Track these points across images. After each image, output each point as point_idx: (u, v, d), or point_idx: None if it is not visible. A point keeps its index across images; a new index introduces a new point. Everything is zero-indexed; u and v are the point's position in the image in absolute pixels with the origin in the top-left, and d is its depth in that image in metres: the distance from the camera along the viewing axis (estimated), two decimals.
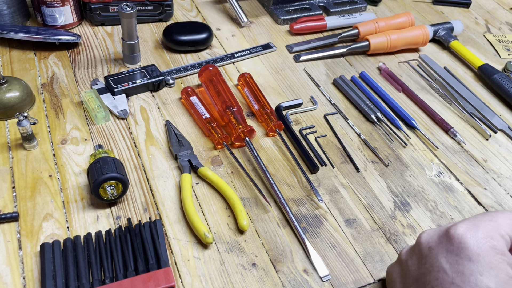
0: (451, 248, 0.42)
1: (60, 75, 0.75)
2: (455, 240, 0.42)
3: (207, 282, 0.51)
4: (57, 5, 0.80)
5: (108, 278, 0.49)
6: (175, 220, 0.56)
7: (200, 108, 0.69)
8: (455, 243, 0.42)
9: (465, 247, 0.41)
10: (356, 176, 0.65)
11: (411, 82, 0.83)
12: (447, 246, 0.42)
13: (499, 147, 0.72)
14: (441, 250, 0.43)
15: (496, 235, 0.41)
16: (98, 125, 0.67)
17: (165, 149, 0.65)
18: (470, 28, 1.00)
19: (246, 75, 0.76)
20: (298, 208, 0.59)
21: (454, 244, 0.42)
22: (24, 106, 0.67)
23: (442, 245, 0.43)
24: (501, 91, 0.80)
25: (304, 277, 0.52)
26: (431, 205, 0.62)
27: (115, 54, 0.80)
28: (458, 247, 0.41)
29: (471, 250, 0.40)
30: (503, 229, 0.42)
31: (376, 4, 1.03)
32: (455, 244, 0.42)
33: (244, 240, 0.55)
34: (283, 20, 0.93)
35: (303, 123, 0.72)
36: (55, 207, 0.56)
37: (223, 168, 0.63)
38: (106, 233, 0.53)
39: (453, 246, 0.42)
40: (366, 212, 0.60)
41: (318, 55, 0.85)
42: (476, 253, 0.40)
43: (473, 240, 0.41)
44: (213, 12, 0.95)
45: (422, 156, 0.69)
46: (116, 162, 0.56)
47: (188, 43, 0.82)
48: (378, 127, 0.73)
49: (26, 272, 0.50)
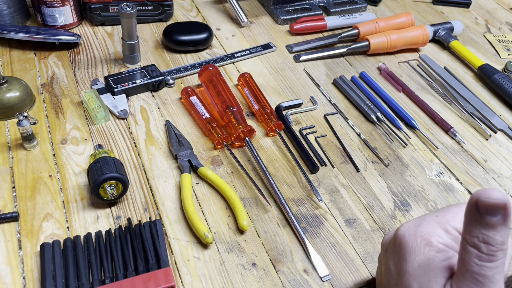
0: (395, 249, 0.42)
1: (60, 75, 0.75)
2: (397, 240, 0.41)
3: (207, 282, 0.51)
4: (57, 5, 0.80)
5: (108, 278, 0.49)
6: (175, 220, 0.56)
7: (200, 108, 0.69)
8: (397, 243, 0.41)
9: (403, 247, 0.40)
10: (356, 176, 0.65)
11: (411, 82, 0.83)
12: (393, 247, 0.42)
13: (499, 147, 0.72)
14: (390, 251, 0.43)
15: (439, 231, 0.40)
16: (98, 125, 0.67)
17: (165, 149, 0.65)
18: (470, 28, 1.00)
19: (246, 75, 0.76)
20: (298, 208, 0.59)
21: (396, 245, 0.41)
22: (24, 106, 0.67)
23: (391, 246, 0.43)
24: (501, 91, 0.80)
25: (304, 277, 0.52)
26: (431, 205, 0.62)
27: (115, 54, 0.80)
28: (399, 248, 0.41)
29: (407, 249, 0.40)
30: (449, 224, 0.40)
31: (376, 4, 1.03)
32: (397, 244, 0.41)
33: (244, 240, 0.55)
34: (283, 20, 0.93)
35: (303, 123, 0.72)
36: (55, 207, 0.56)
37: (223, 168, 0.63)
38: (106, 233, 0.53)
39: (396, 247, 0.41)
40: (366, 212, 0.60)
41: (318, 55, 0.85)
42: (410, 252, 0.39)
43: (410, 239, 0.40)
44: (213, 12, 0.95)
45: (422, 156, 0.69)
46: (116, 162, 0.56)
47: (188, 43, 0.82)
48: (378, 127, 0.73)
49: (26, 272, 0.50)
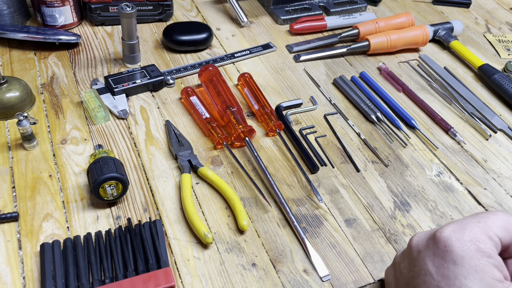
0: (437, 251, 0.42)
1: (60, 75, 0.75)
2: (441, 243, 0.41)
3: (207, 282, 0.51)
4: (57, 5, 0.80)
5: (108, 278, 0.49)
6: (175, 220, 0.56)
7: (200, 108, 0.69)
8: (440, 246, 0.41)
9: (450, 250, 0.41)
10: (356, 176, 0.65)
11: (411, 82, 0.83)
12: (433, 249, 0.42)
13: (499, 147, 0.72)
14: (428, 253, 0.42)
15: (483, 237, 0.41)
16: (98, 125, 0.67)
17: (165, 149, 0.65)
18: (470, 28, 1.00)
19: (246, 75, 0.76)
20: (298, 208, 0.59)
21: (440, 247, 0.41)
22: (24, 106, 0.67)
23: (429, 248, 0.43)
24: (501, 91, 0.80)
25: (304, 277, 0.52)
26: (431, 205, 0.62)
27: (115, 54, 0.80)
28: (443, 250, 0.41)
29: (456, 253, 0.40)
30: (492, 230, 0.41)
31: (376, 4, 1.03)
32: (440, 247, 0.41)
33: (244, 240, 0.55)
34: (283, 20, 0.93)
35: (303, 123, 0.72)
36: (55, 207, 0.56)
37: (223, 168, 0.63)
38: (106, 233, 0.53)
39: (439, 249, 0.41)
40: (366, 212, 0.60)
41: (318, 55, 0.85)
42: (461, 256, 0.40)
43: (458, 243, 0.40)
44: (213, 12, 0.95)
45: (422, 156, 0.69)
46: (116, 162, 0.56)
47: (188, 43, 0.82)
48: (378, 127, 0.73)
49: (26, 272, 0.50)
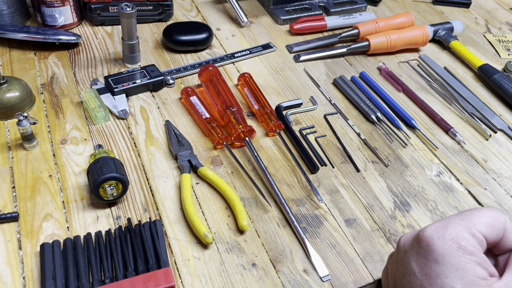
0: (420, 251, 0.42)
1: (60, 75, 0.75)
2: (423, 242, 0.42)
3: (207, 282, 0.51)
4: (57, 5, 0.80)
5: (108, 278, 0.49)
6: (175, 220, 0.56)
7: (200, 108, 0.69)
8: (423, 245, 0.42)
9: (431, 249, 0.41)
10: (356, 176, 0.65)
11: (411, 82, 0.83)
12: (417, 249, 0.42)
13: (499, 147, 0.72)
14: (412, 253, 0.43)
15: (466, 235, 0.41)
16: (98, 125, 0.67)
17: (165, 149, 0.65)
18: (470, 28, 1.00)
19: (246, 75, 0.76)
20: (298, 208, 0.59)
21: (422, 246, 0.42)
22: (24, 106, 0.67)
23: (414, 248, 0.43)
24: (501, 91, 0.80)
25: (304, 277, 0.52)
26: (431, 205, 0.62)
27: (115, 54, 0.80)
28: (426, 250, 0.41)
29: (437, 252, 0.40)
30: (475, 227, 0.41)
31: (376, 4, 1.03)
32: (423, 246, 0.42)
33: (244, 240, 0.55)
34: (283, 20, 0.93)
35: (303, 123, 0.72)
36: (55, 207, 0.56)
37: (223, 168, 0.63)
38: (106, 233, 0.53)
39: (422, 249, 0.42)
40: (366, 212, 0.60)
41: (318, 55, 0.85)
42: (442, 255, 0.40)
43: (439, 242, 0.41)
44: (213, 12, 0.95)
45: (422, 156, 0.69)
46: (116, 162, 0.56)
47: (188, 43, 0.82)
48: (378, 127, 0.73)
49: (26, 272, 0.50)
